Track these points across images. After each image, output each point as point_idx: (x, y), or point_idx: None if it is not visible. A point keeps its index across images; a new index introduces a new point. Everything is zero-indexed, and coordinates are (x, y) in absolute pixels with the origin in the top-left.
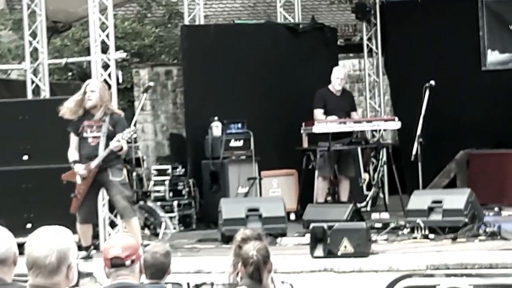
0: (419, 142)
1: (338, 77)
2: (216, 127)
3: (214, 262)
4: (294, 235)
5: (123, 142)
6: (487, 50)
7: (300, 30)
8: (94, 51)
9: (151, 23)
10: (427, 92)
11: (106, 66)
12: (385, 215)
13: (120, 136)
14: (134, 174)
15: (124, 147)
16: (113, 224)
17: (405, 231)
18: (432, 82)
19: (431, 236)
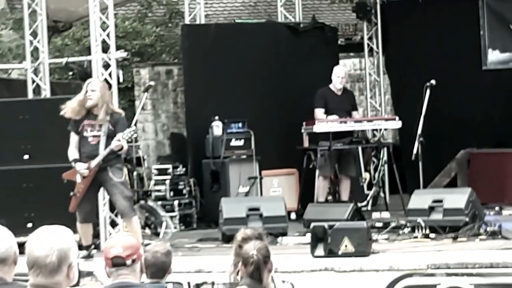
0: (420, 142)
1: (339, 76)
2: (217, 127)
3: (215, 262)
4: (295, 235)
5: (124, 142)
6: (488, 50)
7: (301, 30)
8: (95, 51)
9: (152, 23)
10: (428, 92)
11: (107, 66)
12: (386, 215)
13: (121, 136)
14: (135, 174)
15: (125, 147)
16: (114, 224)
17: (406, 231)
18: (433, 82)
19: (432, 236)
